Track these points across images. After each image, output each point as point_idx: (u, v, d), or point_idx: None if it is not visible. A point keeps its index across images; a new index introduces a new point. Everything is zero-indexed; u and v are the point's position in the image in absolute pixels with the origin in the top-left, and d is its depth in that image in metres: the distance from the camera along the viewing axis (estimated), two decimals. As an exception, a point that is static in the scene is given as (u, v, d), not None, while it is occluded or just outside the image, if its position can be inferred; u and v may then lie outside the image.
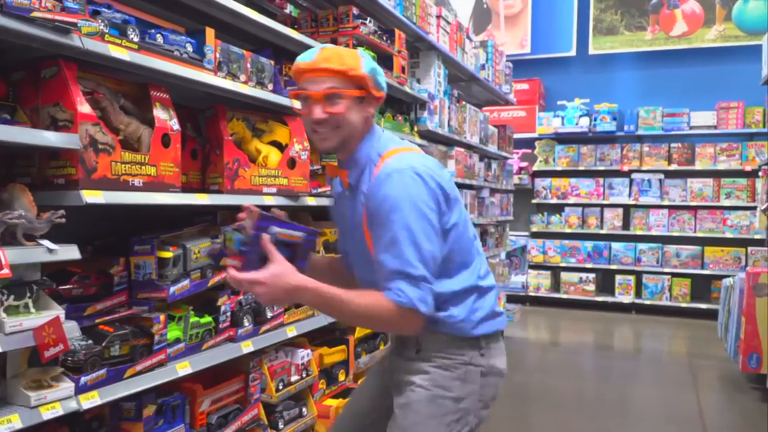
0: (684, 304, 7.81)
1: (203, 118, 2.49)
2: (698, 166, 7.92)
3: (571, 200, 8.47)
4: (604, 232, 8.31)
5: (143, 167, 1.99)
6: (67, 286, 1.99)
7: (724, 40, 8.10)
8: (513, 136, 7.01)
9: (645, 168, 8.13)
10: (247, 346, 2.47)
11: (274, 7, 3.39)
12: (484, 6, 9.33)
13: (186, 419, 2.27)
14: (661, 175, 8.07)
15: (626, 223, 8.29)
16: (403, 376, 1.77)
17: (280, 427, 2.71)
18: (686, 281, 7.85)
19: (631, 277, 8.05)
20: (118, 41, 1.91)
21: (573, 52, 8.79)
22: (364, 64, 1.68)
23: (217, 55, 2.33)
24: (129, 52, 1.93)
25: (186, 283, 2.22)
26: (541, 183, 8.64)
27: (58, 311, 1.74)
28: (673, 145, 8.04)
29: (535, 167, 8.68)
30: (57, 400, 1.73)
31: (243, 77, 2.47)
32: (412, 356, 1.77)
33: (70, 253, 1.74)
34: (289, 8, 3.57)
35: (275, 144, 2.71)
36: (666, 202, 8.02)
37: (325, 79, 1.65)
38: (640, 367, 5.68)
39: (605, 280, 8.34)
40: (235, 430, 2.45)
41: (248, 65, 2.50)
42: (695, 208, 7.92)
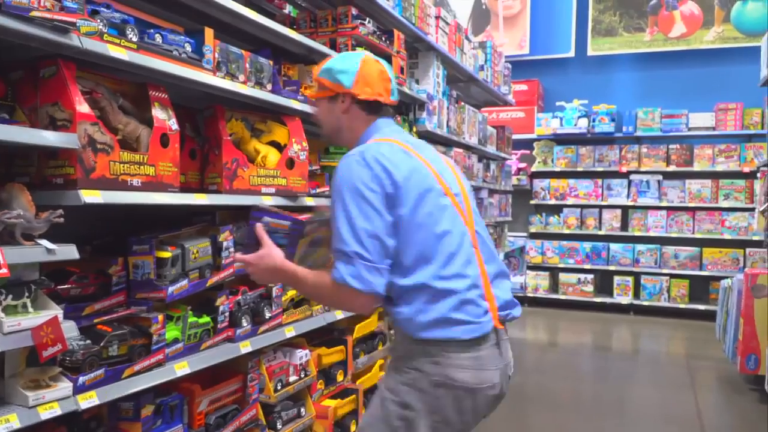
0: (682, 305, 7.81)
1: (202, 118, 2.49)
2: (697, 168, 7.92)
3: (570, 201, 8.48)
4: (602, 233, 8.32)
5: (142, 167, 1.99)
6: (66, 286, 1.99)
7: (722, 42, 8.11)
8: (511, 137, 7.00)
9: (643, 169, 8.14)
10: (246, 347, 2.47)
11: (273, 8, 3.39)
12: (483, 7, 9.34)
13: (184, 419, 2.27)
14: (660, 176, 8.08)
15: (625, 224, 8.30)
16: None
17: (279, 427, 2.71)
18: (684, 282, 7.86)
19: (630, 278, 8.06)
20: (117, 41, 1.91)
21: (572, 53, 8.79)
22: (320, 68, 1.89)
23: (216, 55, 2.33)
24: (128, 52, 1.93)
25: (184, 283, 2.22)
26: (539, 184, 8.64)
27: (57, 311, 1.73)
28: (671, 147, 8.05)
29: (534, 168, 8.69)
30: (55, 399, 1.72)
31: (242, 77, 2.47)
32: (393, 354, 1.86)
33: (69, 252, 1.74)
34: (288, 8, 3.57)
35: (274, 144, 2.72)
36: (664, 203, 8.03)
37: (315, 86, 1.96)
38: (638, 368, 5.69)
39: (604, 281, 8.35)
40: (234, 431, 2.45)
41: (247, 65, 2.50)
42: (694, 210, 7.92)
